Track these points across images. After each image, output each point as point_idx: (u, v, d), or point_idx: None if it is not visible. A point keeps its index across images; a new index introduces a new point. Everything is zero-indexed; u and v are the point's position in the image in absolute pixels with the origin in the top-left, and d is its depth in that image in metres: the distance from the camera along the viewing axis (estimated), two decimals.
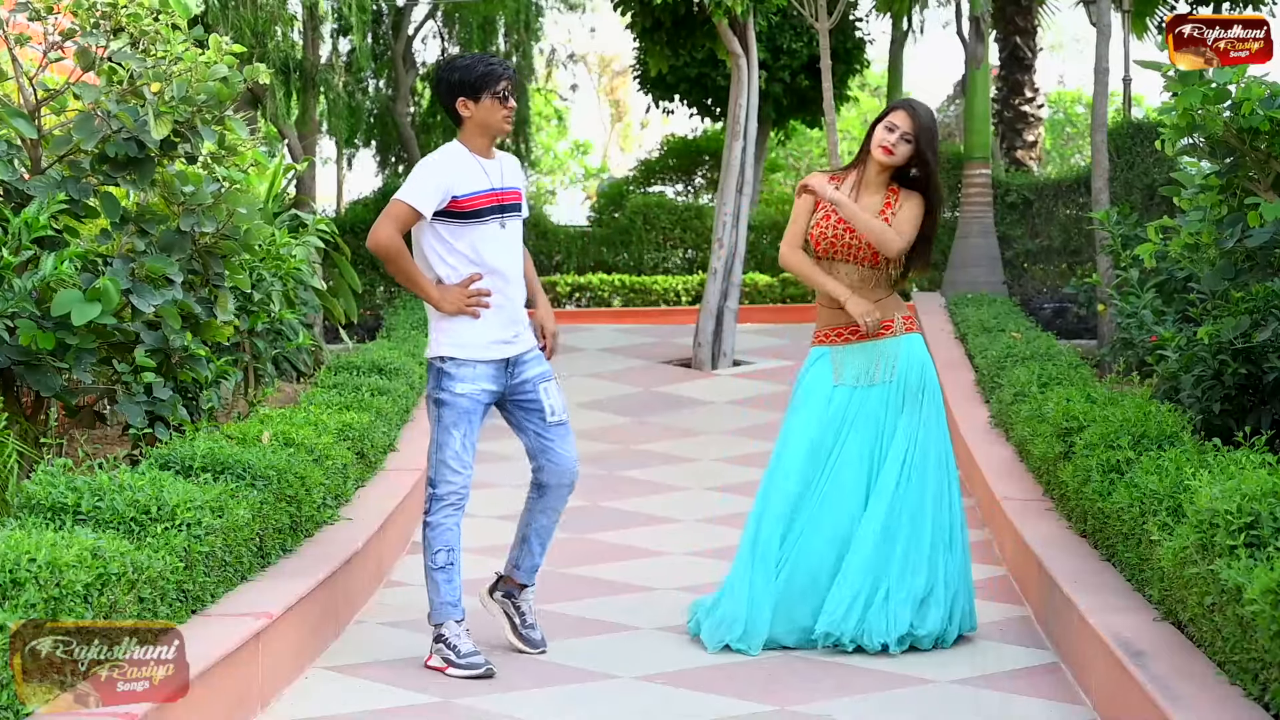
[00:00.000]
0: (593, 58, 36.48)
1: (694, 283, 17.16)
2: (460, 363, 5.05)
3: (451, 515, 5.06)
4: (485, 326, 5.06)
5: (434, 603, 5.08)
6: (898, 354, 5.39)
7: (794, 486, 5.30)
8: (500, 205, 5.08)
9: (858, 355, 5.40)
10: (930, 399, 5.40)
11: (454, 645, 5.02)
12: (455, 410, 5.05)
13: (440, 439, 5.06)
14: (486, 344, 5.06)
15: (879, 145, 5.34)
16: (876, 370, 5.37)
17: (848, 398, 5.37)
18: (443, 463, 5.05)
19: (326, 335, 13.03)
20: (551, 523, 5.30)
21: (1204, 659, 4.14)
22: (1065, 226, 15.09)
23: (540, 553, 5.32)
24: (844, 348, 5.41)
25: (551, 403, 5.19)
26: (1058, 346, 10.07)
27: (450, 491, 5.05)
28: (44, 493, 4.67)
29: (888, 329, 5.40)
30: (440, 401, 5.06)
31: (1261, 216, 5.92)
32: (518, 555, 5.34)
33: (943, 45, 60.12)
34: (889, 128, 5.34)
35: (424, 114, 22.49)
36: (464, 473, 5.07)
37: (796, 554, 5.29)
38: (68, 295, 5.72)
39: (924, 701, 4.71)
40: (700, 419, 10.59)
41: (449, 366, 5.05)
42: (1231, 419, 6.03)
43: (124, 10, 6.43)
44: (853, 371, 5.39)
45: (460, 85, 5.06)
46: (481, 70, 5.06)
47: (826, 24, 12.61)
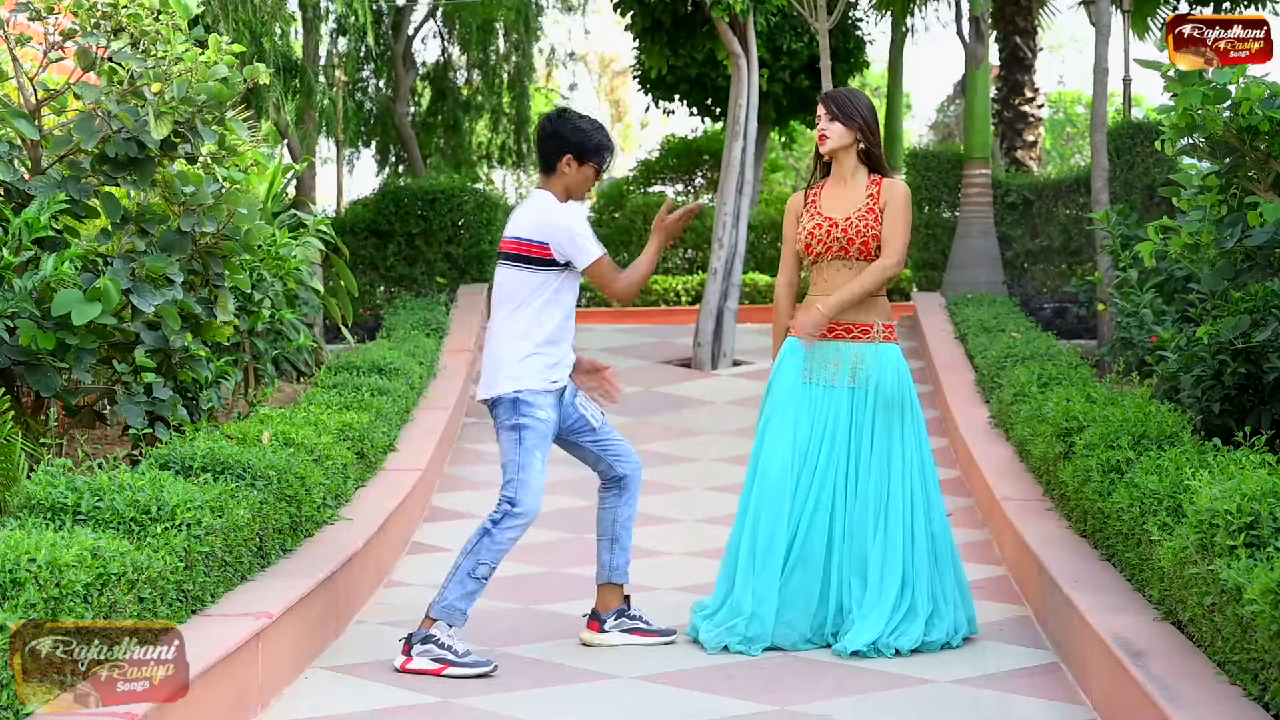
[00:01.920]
0: (592, 58, 36.48)
1: (694, 283, 17.17)
2: (537, 392, 5.18)
3: (516, 534, 5.14)
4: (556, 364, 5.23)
5: (448, 601, 5.07)
6: (871, 361, 5.37)
7: (789, 487, 5.30)
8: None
9: (827, 353, 5.39)
10: (912, 415, 5.38)
11: (450, 646, 5.02)
12: (536, 434, 5.16)
13: (523, 460, 5.13)
14: (554, 378, 5.22)
15: (817, 138, 5.48)
16: (843, 371, 5.36)
17: (819, 396, 5.38)
18: (526, 482, 5.12)
19: (326, 335, 13.03)
20: (633, 512, 5.49)
21: (1204, 659, 4.14)
22: (1065, 226, 15.07)
23: (630, 544, 5.48)
24: (818, 344, 5.41)
25: (590, 412, 5.36)
26: (1058, 346, 10.07)
27: (529, 509, 5.12)
28: (44, 493, 4.67)
29: (865, 333, 5.40)
30: (521, 426, 5.15)
31: (1261, 216, 5.93)
32: (612, 557, 5.44)
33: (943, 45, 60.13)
34: (817, 120, 5.48)
35: (424, 114, 22.49)
36: (541, 494, 5.17)
37: (795, 556, 5.29)
38: (68, 295, 5.72)
39: (924, 701, 4.71)
40: (700, 419, 10.59)
41: (526, 395, 5.16)
42: (1231, 419, 6.02)
43: (124, 10, 6.43)
44: (820, 370, 5.39)
45: (576, 147, 5.23)
46: (599, 140, 5.25)
47: (826, 24, 12.61)
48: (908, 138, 26.31)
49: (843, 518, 5.31)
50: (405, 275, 15.22)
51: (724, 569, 5.44)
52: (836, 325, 5.39)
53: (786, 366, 5.45)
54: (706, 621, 5.35)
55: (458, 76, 22.58)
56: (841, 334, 5.39)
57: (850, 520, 5.31)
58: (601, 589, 5.44)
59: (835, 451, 5.33)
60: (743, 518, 5.39)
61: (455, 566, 5.10)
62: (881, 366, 5.36)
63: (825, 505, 5.31)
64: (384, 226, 15.22)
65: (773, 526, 5.29)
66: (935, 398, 10.41)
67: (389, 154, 22.51)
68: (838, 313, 5.35)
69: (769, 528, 5.29)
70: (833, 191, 5.46)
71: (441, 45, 22.54)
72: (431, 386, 10.21)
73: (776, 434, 5.37)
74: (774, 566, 5.26)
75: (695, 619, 5.44)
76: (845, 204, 5.41)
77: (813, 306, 5.40)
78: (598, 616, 5.42)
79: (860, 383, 5.35)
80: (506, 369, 5.19)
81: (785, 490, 5.29)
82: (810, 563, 5.29)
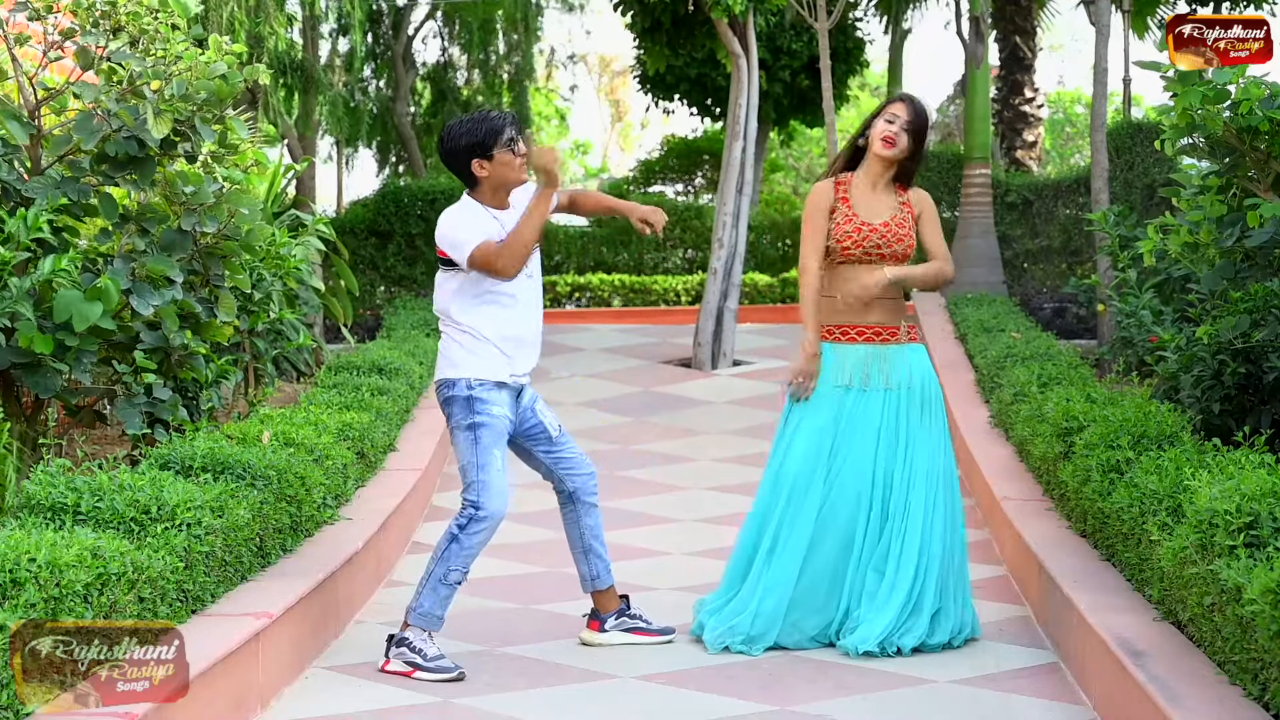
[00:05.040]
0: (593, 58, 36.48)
1: (694, 283, 17.16)
2: (487, 385, 5.08)
3: (484, 537, 5.07)
4: (502, 355, 5.11)
5: (424, 609, 5.05)
6: (902, 362, 5.37)
7: (813, 488, 5.28)
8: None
9: (859, 357, 5.37)
10: (939, 415, 5.40)
11: (420, 649, 5.00)
12: (493, 431, 5.06)
13: (481, 460, 5.03)
14: (507, 371, 5.11)
15: (881, 137, 5.35)
16: (877, 374, 5.35)
17: (846, 399, 5.35)
18: (487, 483, 5.02)
19: (326, 335, 13.03)
20: (598, 518, 5.40)
21: (1204, 659, 4.14)
22: (1065, 226, 15.09)
23: (604, 549, 5.41)
24: (846, 346, 5.40)
25: (549, 419, 5.28)
26: (1058, 346, 10.07)
27: (494, 512, 5.03)
28: (44, 493, 4.67)
29: (894, 334, 5.40)
30: (476, 425, 5.05)
31: (1261, 216, 5.92)
32: (590, 567, 5.40)
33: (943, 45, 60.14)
34: (889, 119, 5.35)
35: (424, 114, 22.50)
36: (505, 493, 5.08)
37: (811, 557, 5.27)
38: (68, 296, 5.71)
39: (924, 701, 4.71)
40: (700, 419, 10.59)
41: (479, 391, 5.06)
42: (1231, 419, 6.02)
43: (123, 10, 6.43)
44: (852, 372, 5.36)
45: (470, 149, 5.05)
46: (488, 128, 5.05)
47: (826, 24, 12.61)
48: None
49: (865, 522, 5.28)
50: (405, 275, 15.23)
51: (734, 565, 5.42)
52: (866, 329, 5.37)
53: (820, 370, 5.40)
54: (713, 617, 5.33)
55: (458, 76, 22.59)
56: (871, 337, 5.37)
57: (873, 523, 5.28)
58: (596, 595, 5.44)
59: (863, 455, 5.29)
60: (761, 514, 5.37)
61: (427, 573, 5.07)
62: (912, 367, 5.37)
63: (848, 509, 5.27)
64: (384, 226, 15.22)
65: (793, 526, 5.26)
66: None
67: (389, 154, 22.53)
68: (898, 282, 5.32)
69: (789, 527, 5.26)
70: (866, 195, 5.40)
71: (441, 45, 22.56)
72: (431, 386, 10.21)
73: (804, 435, 5.33)
74: (790, 565, 5.24)
75: (700, 615, 5.43)
76: (880, 209, 5.38)
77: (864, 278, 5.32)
78: (598, 616, 5.42)
79: (894, 385, 5.34)
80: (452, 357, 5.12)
81: (809, 491, 5.28)
82: (826, 564, 5.27)
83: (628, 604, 5.44)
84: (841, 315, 5.39)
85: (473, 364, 5.09)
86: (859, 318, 5.37)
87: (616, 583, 5.49)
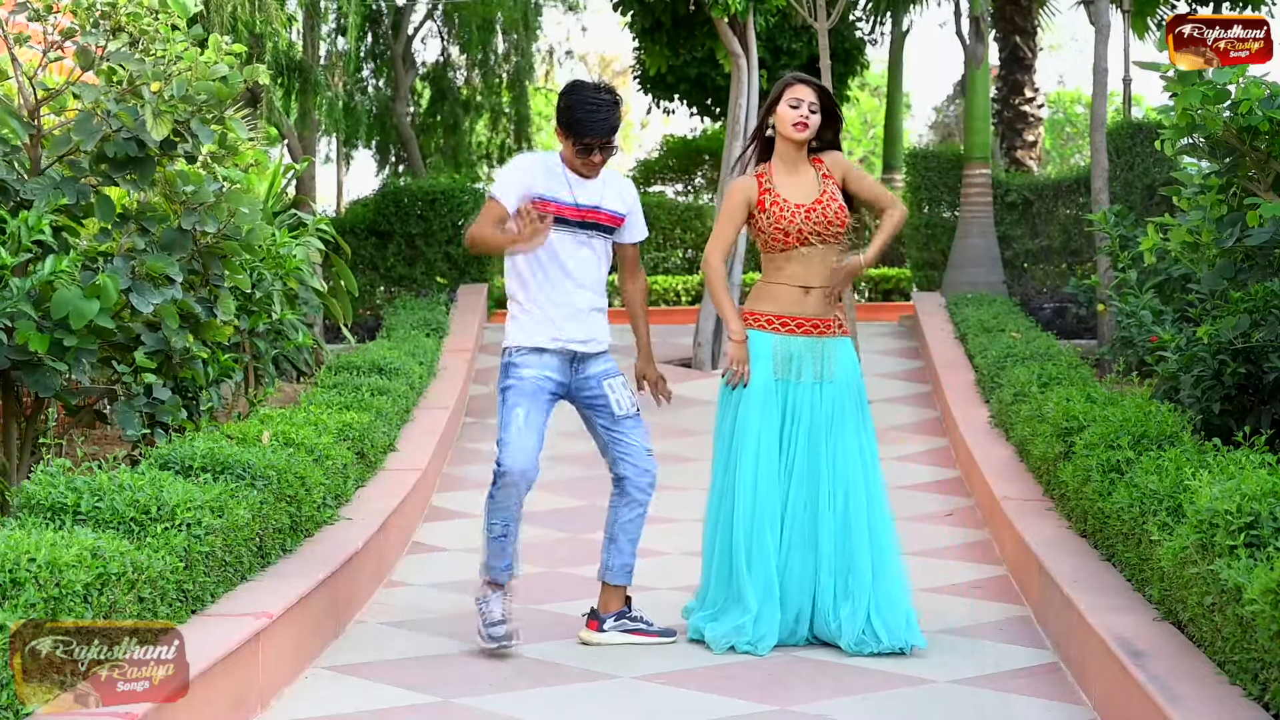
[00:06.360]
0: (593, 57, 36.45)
1: (694, 283, 17.16)
2: (524, 350, 5.24)
3: (509, 494, 5.19)
4: (546, 321, 5.25)
5: (484, 560, 5.32)
6: (836, 355, 5.38)
7: (776, 483, 5.30)
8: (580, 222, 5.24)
9: (800, 349, 5.37)
10: (866, 406, 5.45)
11: (484, 612, 5.22)
12: (519, 392, 5.20)
13: (505, 419, 5.20)
14: (548, 336, 5.25)
15: (792, 123, 5.35)
16: (812, 366, 5.36)
17: (790, 392, 5.35)
18: (507, 441, 5.17)
19: (326, 335, 13.03)
20: (637, 517, 5.42)
21: (1204, 659, 4.14)
22: (1065, 226, 15.08)
23: (631, 551, 5.43)
24: (787, 338, 5.39)
25: (618, 397, 5.37)
26: (1058, 346, 10.07)
27: (510, 467, 5.14)
28: (44, 493, 4.67)
29: (830, 327, 5.40)
30: (506, 388, 5.25)
31: (1261, 216, 5.93)
32: (608, 556, 5.43)
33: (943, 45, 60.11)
34: (793, 104, 5.36)
35: (424, 114, 22.50)
36: (527, 451, 5.15)
37: (786, 551, 5.30)
38: (66, 295, 5.71)
39: (924, 701, 4.71)
40: (700, 419, 10.55)
41: (514, 356, 5.25)
42: (1231, 419, 6.02)
43: (123, 10, 6.43)
44: (795, 365, 5.35)
45: (560, 121, 5.24)
46: (577, 117, 5.18)
47: (826, 24, 12.61)
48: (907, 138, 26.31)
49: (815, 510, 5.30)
50: (405, 275, 15.22)
51: (715, 571, 5.40)
52: (805, 320, 5.37)
53: (757, 365, 5.39)
54: (713, 624, 5.33)
55: (457, 76, 22.59)
56: (810, 329, 5.37)
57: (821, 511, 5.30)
58: (603, 588, 5.44)
59: (810, 446, 5.32)
60: (725, 517, 5.36)
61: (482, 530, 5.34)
62: (842, 359, 5.39)
63: (807, 500, 5.30)
64: (384, 226, 15.22)
65: (766, 524, 5.28)
66: (935, 398, 10.41)
67: (389, 154, 22.52)
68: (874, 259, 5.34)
69: (762, 525, 5.28)
70: (787, 179, 5.41)
71: (441, 45, 22.57)
72: (431, 386, 10.21)
73: (756, 432, 5.33)
74: (770, 563, 5.26)
75: (694, 620, 5.43)
76: (806, 188, 5.38)
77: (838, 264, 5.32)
78: (597, 616, 5.41)
79: (827, 377, 5.36)
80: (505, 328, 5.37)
81: (773, 486, 5.29)
82: (799, 557, 5.29)
83: (629, 606, 5.44)
84: (782, 305, 5.39)
85: (513, 331, 5.32)
86: (798, 308, 5.38)
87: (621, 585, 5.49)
